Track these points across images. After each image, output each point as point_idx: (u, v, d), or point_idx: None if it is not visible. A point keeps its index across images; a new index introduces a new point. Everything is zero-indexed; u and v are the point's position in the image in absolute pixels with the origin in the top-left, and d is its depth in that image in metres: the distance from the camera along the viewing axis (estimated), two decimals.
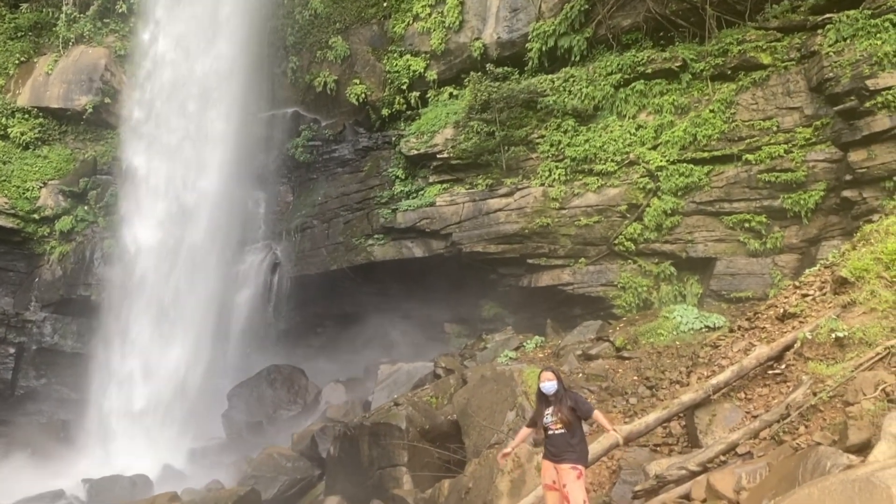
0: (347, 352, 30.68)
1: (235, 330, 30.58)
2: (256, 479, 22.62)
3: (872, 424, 10.15)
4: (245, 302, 30.92)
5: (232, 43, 31.13)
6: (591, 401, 17.23)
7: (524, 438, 12.14)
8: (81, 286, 32.62)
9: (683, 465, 12.29)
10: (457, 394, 19.67)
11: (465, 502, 14.54)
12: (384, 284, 29.22)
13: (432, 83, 29.76)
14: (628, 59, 24.80)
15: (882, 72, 20.08)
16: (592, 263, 24.48)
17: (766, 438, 12.29)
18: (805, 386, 12.33)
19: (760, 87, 22.64)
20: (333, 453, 20.58)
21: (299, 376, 28.79)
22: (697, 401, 14.00)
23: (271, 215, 32.68)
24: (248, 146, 31.39)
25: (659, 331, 19.85)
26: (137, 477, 25.06)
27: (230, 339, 30.36)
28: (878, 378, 11.28)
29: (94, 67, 34.47)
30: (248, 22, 31.32)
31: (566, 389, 11.19)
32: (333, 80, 31.55)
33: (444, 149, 27.00)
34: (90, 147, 34.94)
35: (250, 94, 31.55)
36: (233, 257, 31.07)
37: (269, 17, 32.54)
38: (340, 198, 30.40)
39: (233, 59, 31.14)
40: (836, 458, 9.14)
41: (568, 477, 10.55)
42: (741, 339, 16.19)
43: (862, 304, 13.42)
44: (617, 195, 24.12)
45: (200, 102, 31.44)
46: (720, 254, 22.71)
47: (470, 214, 26.20)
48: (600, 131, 24.77)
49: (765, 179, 21.94)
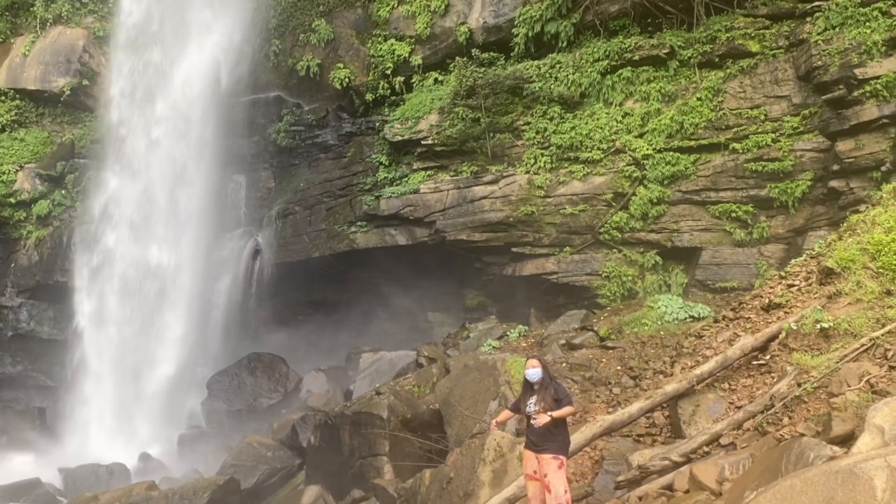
0: (329, 340, 30.64)
1: (216, 317, 30.46)
2: (236, 468, 22.59)
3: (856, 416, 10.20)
4: (226, 289, 30.81)
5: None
6: (575, 391, 17.32)
7: (509, 417, 12.12)
8: (58, 272, 32.39)
9: (666, 456, 12.33)
10: (439, 383, 19.70)
11: (446, 492, 14.55)
12: (367, 272, 29.15)
13: (417, 68, 29.65)
14: (615, 45, 24.77)
15: (871, 60, 20.16)
16: (577, 252, 24.51)
17: (749, 429, 12.33)
18: (789, 377, 12.37)
19: (748, 74, 22.68)
20: (314, 442, 20.60)
21: (280, 364, 28.74)
22: (681, 391, 14.03)
23: (252, 201, 32.52)
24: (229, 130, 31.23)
25: (643, 320, 19.92)
26: (115, 466, 25.01)
27: (210, 326, 30.23)
28: (863, 369, 11.34)
29: (72, 49, 34.18)
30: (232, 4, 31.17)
31: (552, 379, 11.20)
32: (317, 63, 31.37)
33: (428, 135, 26.92)
34: (68, 130, 34.67)
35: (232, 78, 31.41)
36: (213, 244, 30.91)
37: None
38: (323, 184, 30.28)
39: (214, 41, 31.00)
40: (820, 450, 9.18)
41: (549, 467, 10.57)
42: (726, 329, 16.24)
43: (847, 294, 13.47)
44: (602, 183, 24.13)
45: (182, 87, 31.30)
46: (706, 243, 22.78)
47: (454, 202, 26.16)
48: (586, 118, 24.76)
49: (752, 168, 22.01)
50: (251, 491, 22.03)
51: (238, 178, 32.52)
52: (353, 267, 29.28)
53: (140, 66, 32.00)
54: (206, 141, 30.69)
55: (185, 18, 31.55)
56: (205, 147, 30.67)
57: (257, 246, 31.33)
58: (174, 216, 30.56)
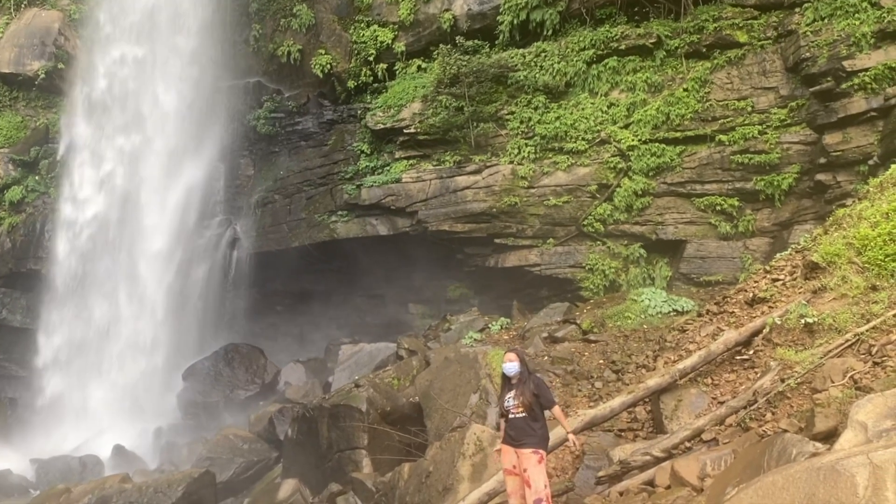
0: (308, 331, 30.60)
1: (192, 307, 30.31)
2: (211, 460, 22.52)
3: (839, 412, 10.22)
4: (203, 278, 30.65)
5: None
6: (556, 384, 17.33)
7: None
8: (31, 259, 32.15)
9: (648, 451, 12.34)
10: (419, 376, 19.66)
11: (425, 486, 14.53)
12: (347, 263, 29.09)
13: (400, 55, 29.55)
14: (602, 34, 24.78)
15: (860, 53, 20.25)
16: (561, 244, 24.54)
17: (732, 425, 12.35)
18: (773, 372, 12.39)
19: (736, 65, 22.74)
20: (291, 435, 20.53)
21: (258, 356, 28.65)
22: (663, 385, 14.05)
23: (231, 189, 32.35)
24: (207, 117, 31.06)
25: (626, 314, 19.95)
26: (88, 458, 24.89)
27: (187, 315, 30.08)
28: (847, 365, 11.36)
29: (47, 31, 33.88)
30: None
31: (530, 373, 11.17)
32: (298, 49, 31.22)
33: (411, 123, 26.87)
34: (42, 115, 34.40)
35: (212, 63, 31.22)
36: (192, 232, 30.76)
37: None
38: (303, 172, 30.20)
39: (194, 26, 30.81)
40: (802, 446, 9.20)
41: (529, 461, 10.55)
42: (709, 323, 16.26)
43: (833, 289, 13.50)
44: (587, 175, 24.15)
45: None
46: (691, 236, 22.85)
47: (437, 192, 26.12)
48: (571, 108, 24.76)
49: (738, 161, 22.08)
50: (227, 484, 21.97)
51: (217, 166, 32.32)
52: (334, 257, 29.23)
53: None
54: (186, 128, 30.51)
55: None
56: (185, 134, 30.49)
57: (235, 235, 31.21)
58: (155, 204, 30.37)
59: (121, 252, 30.10)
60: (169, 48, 31.28)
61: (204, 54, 30.97)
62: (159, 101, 31.05)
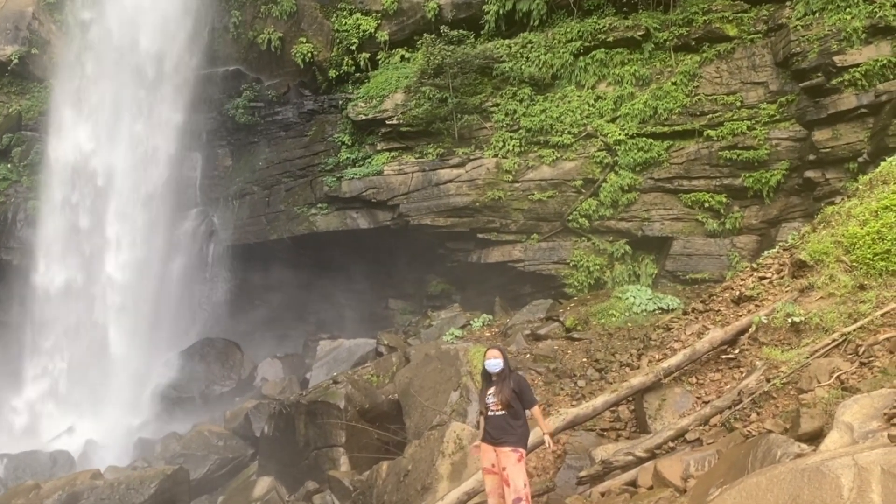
0: (286, 326, 30.51)
1: (168, 300, 30.14)
2: (185, 457, 22.45)
3: (825, 413, 10.24)
4: (179, 271, 30.50)
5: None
6: (539, 383, 17.33)
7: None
8: (3, 250, 31.85)
9: (631, 451, 12.34)
10: (399, 373, 19.65)
11: (403, 485, 14.51)
12: (327, 256, 29.02)
13: (383, 44, 29.48)
14: (589, 25, 24.79)
15: (850, 48, 20.31)
16: (545, 240, 24.55)
17: (716, 425, 12.37)
18: (758, 372, 12.42)
19: (725, 59, 22.80)
20: (268, 432, 20.49)
21: (234, 350, 28.58)
22: (647, 385, 14.06)
23: (208, 180, 32.20)
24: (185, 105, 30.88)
25: (611, 311, 19.97)
26: (58, 453, 24.70)
27: (162, 309, 29.92)
28: (834, 365, 11.40)
29: (20, 15, 33.60)
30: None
31: (511, 371, 11.16)
32: (278, 37, 31.05)
33: (393, 115, 26.83)
34: (15, 101, 34.07)
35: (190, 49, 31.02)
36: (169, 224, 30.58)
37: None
38: (283, 163, 30.10)
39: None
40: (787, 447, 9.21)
41: (508, 460, 10.53)
42: (695, 321, 16.30)
43: (820, 288, 13.54)
44: (573, 169, 24.16)
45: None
46: (677, 233, 22.89)
47: (419, 185, 26.09)
48: (557, 101, 24.77)
49: (726, 157, 22.13)
50: (201, 481, 21.92)
51: (194, 156, 32.14)
52: (313, 251, 29.13)
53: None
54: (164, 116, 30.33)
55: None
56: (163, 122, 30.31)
57: (213, 227, 31.08)
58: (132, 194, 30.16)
59: (101, 242, 29.84)
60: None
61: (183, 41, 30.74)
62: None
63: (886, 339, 11.45)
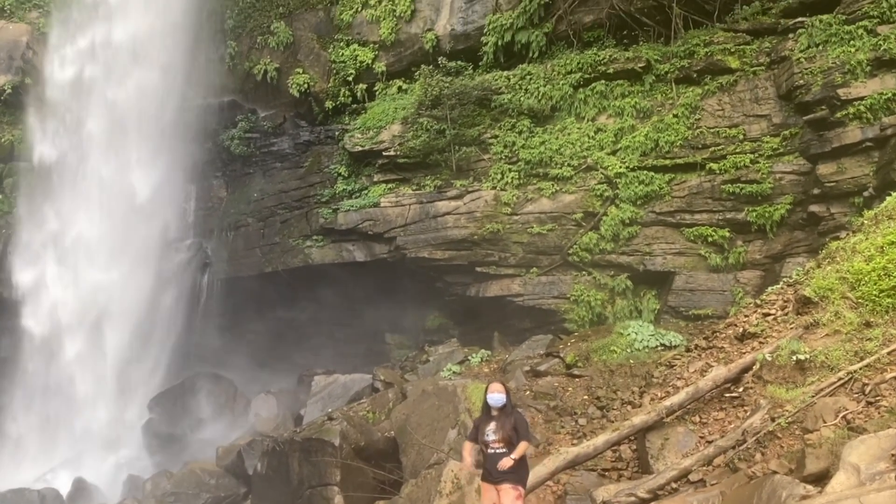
0: (280, 361, 30.39)
1: (159, 334, 30.07)
2: (176, 496, 22.35)
3: (831, 453, 10.21)
4: (171, 304, 30.41)
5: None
6: (539, 421, 17.28)
7: (471, 453, 11.87)
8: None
9: (633, 492, 12.30)
10: (396, 409, 19.59)
11: None
12: (322, 289, 28.97)
13: (380, 75, 29.60)
14: (589, 57, 24.87)
15: (855, 81, 20.35)
16: (544, 274, 24.51)
17: (720, 465, 12.34)
18: (763, 411, 12.40)
19: (727, 92, 22.85)
20: (261, 470, 20.39)
21: (227, 386, 28.46)
22: (650, 423, 14.03)
23: (202, 211, 32.20)
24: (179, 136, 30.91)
25: (612, 348, 19.92)
26: (47, 490, 24.55)
27: (153, 343, 29.84)
28: (840, 405, 11.38)
29: (14, 45, 33.65)
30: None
31: (513, 407, 11.17)
32: (274, 68, 31.20)
33: (390, 146, 26.87)
34: (7, 131, 34.01)
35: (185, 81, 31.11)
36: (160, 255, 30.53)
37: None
38: (278, 195, 30.13)
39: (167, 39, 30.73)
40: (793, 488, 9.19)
41: (508, 496, 10.52)
42: (698, 358, 16.29)
43: (825, 325, 13.53)
44: (572, 202, 24.17)
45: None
46: (679, 268, 22.84)
47: (416, 217, 26.08)
48: (557, 133, 24.82)
49: (729, 191, 22.13)
50: None
51: (187, 187, 32.17)
52: (308, 284, 29.08)
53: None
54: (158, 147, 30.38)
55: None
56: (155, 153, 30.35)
57: (206, 259, 31.06)
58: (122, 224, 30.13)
59: (92, 274, 29.80)
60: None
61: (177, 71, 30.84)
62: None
63: (893, 378, 11.43)
